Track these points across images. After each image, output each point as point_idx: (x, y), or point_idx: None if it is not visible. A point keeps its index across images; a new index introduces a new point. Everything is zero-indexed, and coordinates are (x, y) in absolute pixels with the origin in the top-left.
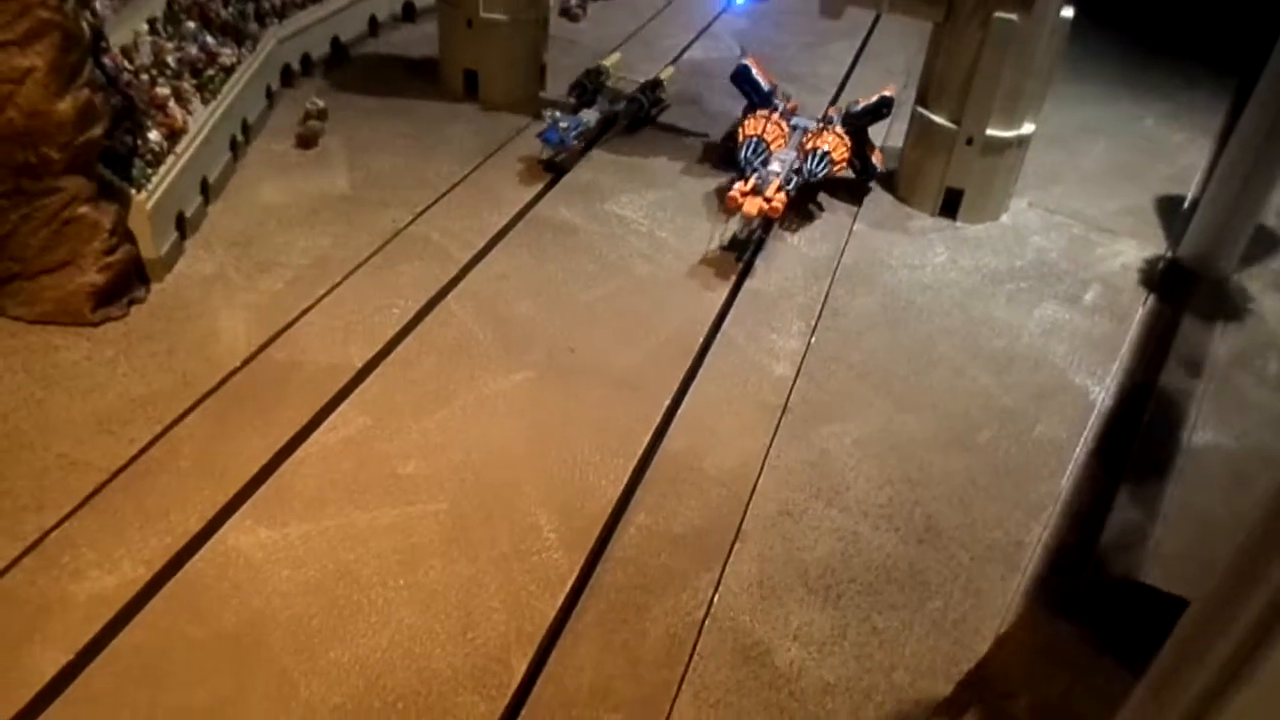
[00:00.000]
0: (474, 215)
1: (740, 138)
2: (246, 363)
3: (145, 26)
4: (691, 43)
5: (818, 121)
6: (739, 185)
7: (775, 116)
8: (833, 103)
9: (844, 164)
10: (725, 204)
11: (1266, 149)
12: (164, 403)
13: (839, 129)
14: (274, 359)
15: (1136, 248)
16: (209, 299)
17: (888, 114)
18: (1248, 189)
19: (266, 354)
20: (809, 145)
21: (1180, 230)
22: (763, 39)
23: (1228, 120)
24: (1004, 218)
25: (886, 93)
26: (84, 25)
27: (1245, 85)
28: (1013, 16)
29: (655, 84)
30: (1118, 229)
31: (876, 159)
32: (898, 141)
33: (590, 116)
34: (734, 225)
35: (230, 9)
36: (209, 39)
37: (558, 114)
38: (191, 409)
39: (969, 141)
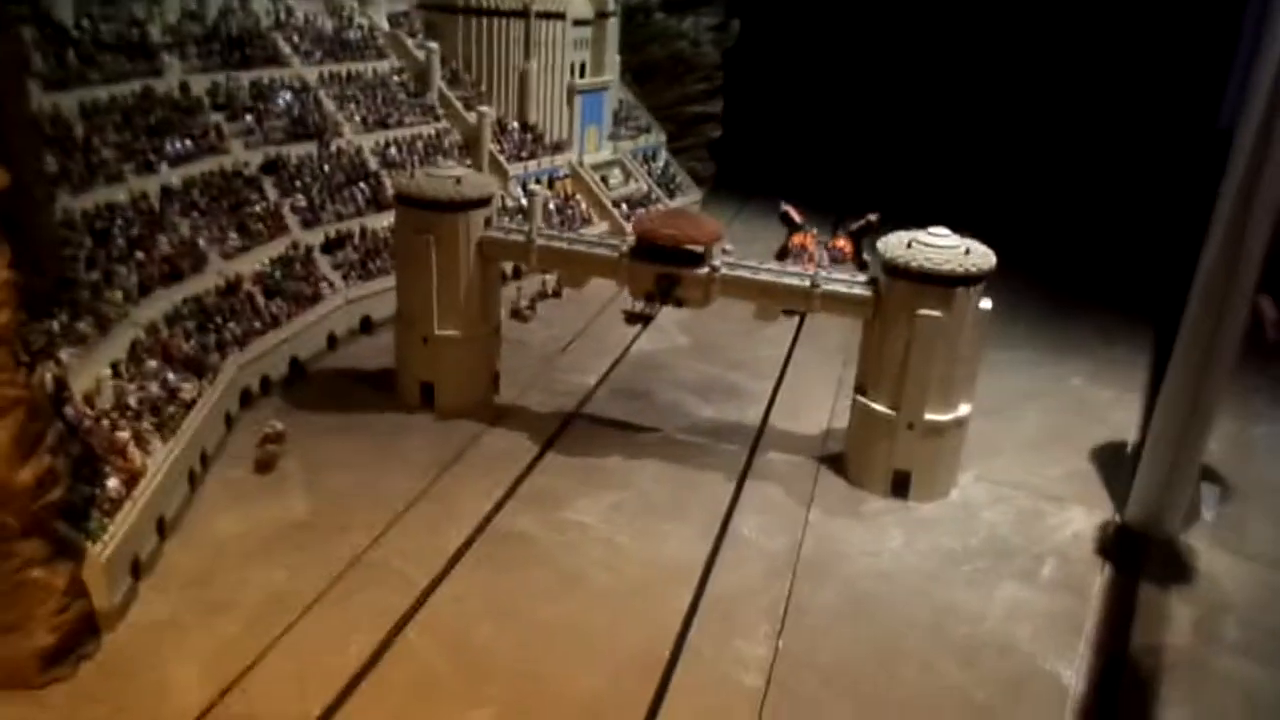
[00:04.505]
0: (433, 533)
1: (790, 246)
2: None
3: (109, 371)
4: (638, 335)
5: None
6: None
7: (810, 234)
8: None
9: (851, 255)
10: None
11: (1194, 411)
12: None
13: (844, 238)
14: (228, 714)
15: (1085, 514)
16: (160, 649)
17: (876, 229)
18: (1183, 448)
19: (220, 709)
20: (830, 245)
21: (1124, 492)
22: (705, 327)
23: (1152, 374)
24: (953, 494)
25: (871, 217)
26: (47, 392)
27: (1162, 338)
28: (936, 313)
29: None
30: (1064, 495)
31: (868, 258)
32: (842, 422)
33: None
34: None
35: (192, 342)
36: (170, 375)
37: None
38: None
39: (910, 426)
